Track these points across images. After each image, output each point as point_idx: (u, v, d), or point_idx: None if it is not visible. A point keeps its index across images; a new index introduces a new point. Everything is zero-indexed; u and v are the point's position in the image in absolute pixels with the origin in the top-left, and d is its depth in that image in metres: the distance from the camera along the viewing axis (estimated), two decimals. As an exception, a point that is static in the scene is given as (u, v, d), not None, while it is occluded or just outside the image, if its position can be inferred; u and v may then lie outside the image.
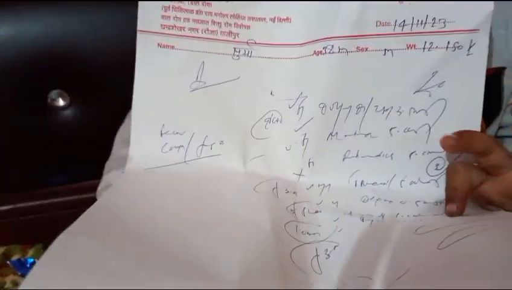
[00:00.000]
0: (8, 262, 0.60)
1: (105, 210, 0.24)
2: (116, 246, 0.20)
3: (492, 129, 0.37)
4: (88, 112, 0.50)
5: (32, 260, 0.60)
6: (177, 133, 0.31)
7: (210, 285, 0.18)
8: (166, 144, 0.31)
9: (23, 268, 0.59)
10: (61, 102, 0.49)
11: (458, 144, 0.27)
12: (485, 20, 0.27)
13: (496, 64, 0.35)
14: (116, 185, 0.28)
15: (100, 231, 0.22)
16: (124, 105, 0.37)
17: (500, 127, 0.38)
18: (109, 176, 0.32)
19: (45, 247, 0.19)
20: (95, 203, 0.25)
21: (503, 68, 0.35)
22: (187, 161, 0.31)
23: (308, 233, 0.25)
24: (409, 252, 0.22)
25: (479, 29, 0.26)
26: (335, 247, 0.24)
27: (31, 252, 0.58)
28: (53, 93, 0.49)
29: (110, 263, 0.19)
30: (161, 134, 0.31)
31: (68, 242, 0.20)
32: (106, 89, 0.49)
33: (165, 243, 0.21)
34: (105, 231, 0.22)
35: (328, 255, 0.23)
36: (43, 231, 0.58)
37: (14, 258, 0.61)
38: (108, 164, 0.34)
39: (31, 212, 0.57)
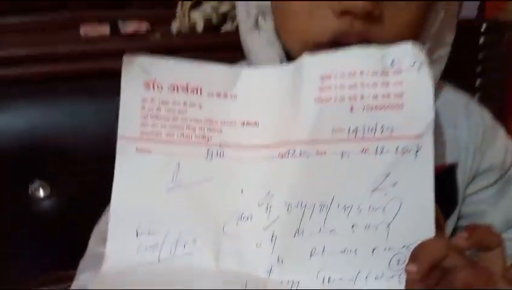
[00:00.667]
0: None
1: None
2: None
3: (452, 220, 0.40)
4: (68, 203, 0.52)
5: None
6: (152, 233, 0.32)
7: None
8: (141, 244, 0.32)
9: None
10: (41, 193, 0.51)
11: (471, 243, 0.27)
12: (428, 127, 0.29)
13: (448, 161, 0.39)
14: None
15: None
16: (104, 197, 0.39)
17: (458, 218, 0.41)
18: (83, 276, 0.33)
19: None
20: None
21: (455, 164, 0.39)
22: (161, 259, 0.32)
23: None
24: None
25: (423, 135, 0.29)
26: None
27: None
28: (34, 185, 0.50)
29: None
30: (137, 234, 0.32)
31: None
32: (86, 180, 0.50)
33: None
34: None
35: None
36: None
37: None
38: (82, 262, 0.35)
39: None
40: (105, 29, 0.58)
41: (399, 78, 0.29)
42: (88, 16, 0.60)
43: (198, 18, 0.58)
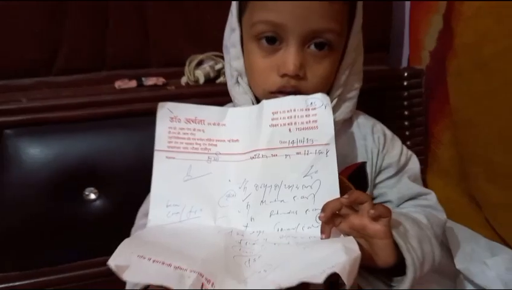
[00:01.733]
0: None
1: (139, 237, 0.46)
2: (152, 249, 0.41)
3: None
4: (111, 204, 0.71)
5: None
6: (175, 206, 0.50)
7: (190, 262, 0.38)
8: (169, 212, 0.49)
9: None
10: (92, 196, 0.70)
11: (351, 200, 0.44)
12: (331, 138, 0.47)
13: (360, 160, 0.58)
14: (142, 232, 0.49)
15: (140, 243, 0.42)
16: (137, 198, 0.57)
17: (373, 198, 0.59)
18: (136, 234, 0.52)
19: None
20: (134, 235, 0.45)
21: (365, 162, 0.57)
22: (181, 221, 0.49)
23: (245, 252, 0.44)
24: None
25: (329, 143, 0.47)
26: (259, 257, 0.43)
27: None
28: (87, 190, 0.70)
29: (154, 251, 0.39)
30: (166, 206, 0.50)
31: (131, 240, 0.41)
32: (124, 187, 0.69)
33: (171, 248, 0.42)
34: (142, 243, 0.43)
35: (254, 260, 0.43)
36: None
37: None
38: (133, 230, 0.54)
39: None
40: (133, 83, 0.78)
41: (315, 112, 0.48)
42: (120, 74, 0.80)
43: (200, 74, 0.78)
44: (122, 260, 0.38)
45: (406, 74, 0.84)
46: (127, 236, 0.50)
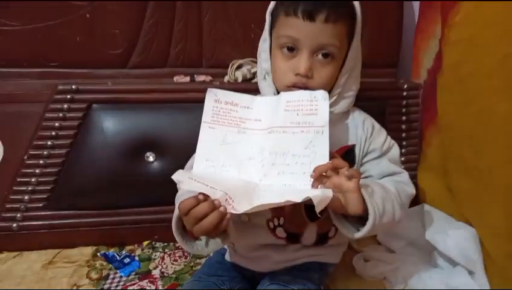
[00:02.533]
0: (98, 254, 0.96)
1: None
2: (197, 177, 0.59)
3: None
4: (166, 164, 0.92)
5: (129, 256, 0.92)
6: (211, 161, 0.63)
7: (220, 187, 0.57)
8: (207, 165, 0.63)
9: (115, 262, 0.91)
10: (151, 158, 0.94)
11: (333, 165, 0.60)
12: (326, 122, 0.61)
13: (351, 143, 0.76)
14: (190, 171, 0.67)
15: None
16: (184, 162, 0.73)
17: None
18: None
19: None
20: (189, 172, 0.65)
21: (354, 145, 0.74)
22: (215, 172, 0.63)
23: (257, 190, 0.60)
24: None
25: (325, 125, 0.63)
26: (265, 191, 0.60)
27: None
28: (148, 154, 0.93)
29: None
30: (206, 160, 0.63)
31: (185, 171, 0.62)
32: (175, 154, 0.91)
33: (209, 179, 0.59)
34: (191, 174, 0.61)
35: (262, 194, 0.60)
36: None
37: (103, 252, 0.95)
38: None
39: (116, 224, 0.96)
40: (187, 78, 1.01)
41: (316, 103, 0.63)
42: (178, 71, 1.03)
43: (239, 75, 0.98)
44: (180, 177, 0.59)
45: (405, 86, 1.02)
46: (175, 189, 0.68)
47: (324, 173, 0.60)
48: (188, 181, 0.58)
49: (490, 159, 0.74)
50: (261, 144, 0.65)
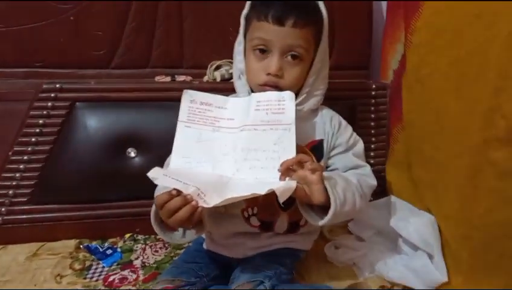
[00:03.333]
0: (81, 247, 1.00)
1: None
2: (172, 174, 0.64)
3: (322, 163, 0.82)
4: (147, 159, 0.97)
5: (111, 248, 0.95)
6: (187, 157, 0.67)
7: (193, 182, 0.61)
8: (184, 162, 0.67)
9: (98, 253, 0.94)
10: (132, 154, 0.98)
11: (297, 159, 0.66)
12: (292, 120, 0.66)
13: (319, 138, 0.82)
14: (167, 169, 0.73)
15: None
16: (164, 157, 0.74)
17: (326, 167, 0.83)
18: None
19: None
20: (166, 169, 0.70)
21: (322, 139, 0.80)
22: (191, 167, 0.67)
23: (229, 184, 0.65)
24: None
25: (291, 123, 0.66)
26: (235, 185, 0.64)
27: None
28: (129, 150, 0.98)
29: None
30: (182, 157, 0.67)
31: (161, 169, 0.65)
32: (155, 149, 0.95)
33: (184, 176, 0.64)
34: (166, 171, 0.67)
35: (234, 187, 0.65)
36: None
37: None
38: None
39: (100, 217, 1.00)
40: (168, 78, 1.06)
41: (284, 103, 0.68)
42: (159, 72, 1.08)
43: (217, 75, 1.04)
44: (155, 174, 0.63)
45: (374, 86, 1.09)
46: (156, 184, 0.68)
47: (291, 167, 0.66)
48: (163, 178, 0.63)
49: (445, 153, 0.81)
50: (234, 141, 0.69)
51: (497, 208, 0.70)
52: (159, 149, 0.92)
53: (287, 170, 0.65)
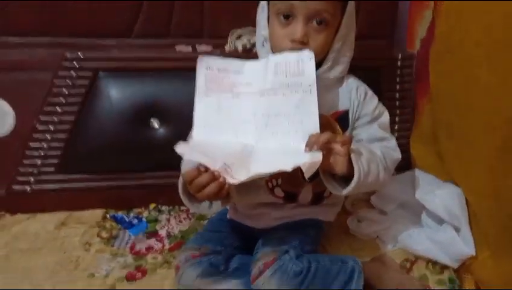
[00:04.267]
0: (108, 216, 1.02)
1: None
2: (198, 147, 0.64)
3: (348, 132, 0.76)
4: (170, 131, 0.97)
5: (137, 218, 0.97)
6: (209, 126, 0.67)
7: (220, 157, 0.62)
8: (206, 130, 0.66)
9: (124, 223, 0.97)
10: (155, 124, 0.98)
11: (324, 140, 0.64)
12: (313, 81, 0.64)
13: (345, 108, 0.80)
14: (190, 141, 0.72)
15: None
16: (187, 128, 0.71)
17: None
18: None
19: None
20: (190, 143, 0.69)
21: (348, 110, 0.78)
22: (214, 136, 0.66)
23: (253, 154, 0.64)
24: None
25: (312, 84, 0.63)
26: (259, 157, 0.64)
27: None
28: (152, 120, 0.98)
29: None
30: (204, 127, 0.66)
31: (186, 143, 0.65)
32: (178, 119, 0.95)
33: (209, 148, 0.64)
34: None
35: (257, 160, 0.64)
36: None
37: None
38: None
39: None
40: (188, 48, 1.04)
41: (303, 64, 0.65)
42: (180, 41, 1.06)
43: (239, 44, 1.01)
44: (182, 149, 0.62)
45: (400, 56, 1.05)
46: (179, 155, 0.68)
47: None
48: (190, 153, 0.63)
49: (474, 124, 0.78)
50: (254, 107, 0.68)
51: (529, 182, 0.69)
52: (181, 119, 0.92)
53: (313, 143, 0.64)
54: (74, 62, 0.94)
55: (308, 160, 0.61)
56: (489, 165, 0.75)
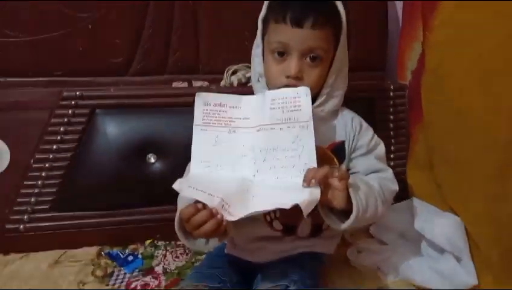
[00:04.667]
0: (102, 253, 1.00)
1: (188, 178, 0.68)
2: (196, 184, 0.63)
3: (345, 165, 0.78)
4: (167, 165, 0.97)
5: (132, 254, 0.95)
6: (206, 162, 0.67)
7: (217, 193, 0.61)
8: (203, 166, 0.67)
9: (119, 260, 0.94)
10: (152, 160, 0.98)
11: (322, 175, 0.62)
12: (310, 117, 0.65)
13: (341, 139, 0.80)
14: (188, 176, 0.72)
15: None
16: (184, 163, 0.73)
17: (347, 170, 0.81)
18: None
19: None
20: (187, 178, 0.69)
21: (344, 141, 0.79)
22: (211, 171, 0.66)
23: (251, 190, 0.63)
24: None
25: (309, 120, 0.65)
26: (257, 194, 0.64)
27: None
28: (149, 155, 0.98)
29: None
30: (201, 162, 0.67)
31: (184, 179, 0.65)
32: (175, 154, 0.95)
33: (207, 185, 0.64)
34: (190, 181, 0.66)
35: (255, 196, 0.63)
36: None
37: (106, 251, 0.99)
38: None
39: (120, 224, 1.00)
40: (185, 84, 1.07)
41: (299, 100, 0.66)
42: (176, 78, 1.08)
43: (234, 79, 1.03)
44: (179, 186, 0.63)
45: (392, 87, 1.08)
46: (175, 190, 0.67)
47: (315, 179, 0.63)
48: (187, 189, 0.62)
49: (470, 152, 0.79)
50: (251, 142, 0.68)
51: (527, 207, 0.69)
52: (179, 154, 0.94)
53: (311, 178, 0.63)
54: (71, 101, 0.95)
55: (306, 197, 0.60)
56: (487, 191, 0.76)
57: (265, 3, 0.76)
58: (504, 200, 0.71)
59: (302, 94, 0.68)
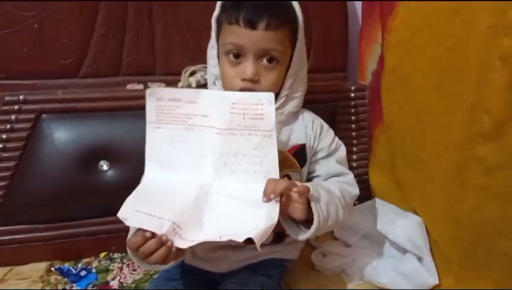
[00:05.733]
0: (52, 269, 0.93)
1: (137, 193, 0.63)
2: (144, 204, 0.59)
3: (305, 168, 0.76)
4: (120, 173, 0.92)
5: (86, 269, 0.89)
6: (163, 162, 0.64)
7: (168, 213, 0.58)
8: (159, 167, 0.64)
9: (71, 276, 0.88)
10: (105, 167, 0.92)
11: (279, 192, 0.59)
12: (273, 126, 0.61)
13: (301, 142, 0.78)
14: (140, 186, 0.66)
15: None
16: (138, 170, 0.68)
17: (308, 173, 0.79)
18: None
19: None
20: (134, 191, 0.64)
21: (305, 144, 0.76)
22: (167, 173, 0.63)
23: (209, 201, 0.61)
24: None
25: (272, 129, 0.61)
26: (215, 207, 0.61)
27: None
28: (101, 162, 0.92)
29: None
30: (157, 163, 0.64)
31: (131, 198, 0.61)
32: (130, 161, 0.90)
33: (158, 202, 0.61)
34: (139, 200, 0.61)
35: (214, 207, 0.61)
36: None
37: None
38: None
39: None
40: (140, 86, 1.02)
41: (262, 107, 0.61)
42: (131, 80, 1.02)
43: (192, 81, 0.99)
44: (125, 213, 0.58)
45: (352, 88, 1.07)
46: None
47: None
48: (134, 216, 0.58)
49: (430, 152, 0.79)
50: (211, 144, 0.64)
51: (485, 205, 0.69)
52: (133, 160, 0.89)
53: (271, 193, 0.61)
54: (14, 105, 0.88)
55: (261, 226, 0.57)
56: (446, 191, 0.76)
57: (218, 3, 0.73)
58: (462, 199, 0.71)
59: (265, 102, 0.63)
